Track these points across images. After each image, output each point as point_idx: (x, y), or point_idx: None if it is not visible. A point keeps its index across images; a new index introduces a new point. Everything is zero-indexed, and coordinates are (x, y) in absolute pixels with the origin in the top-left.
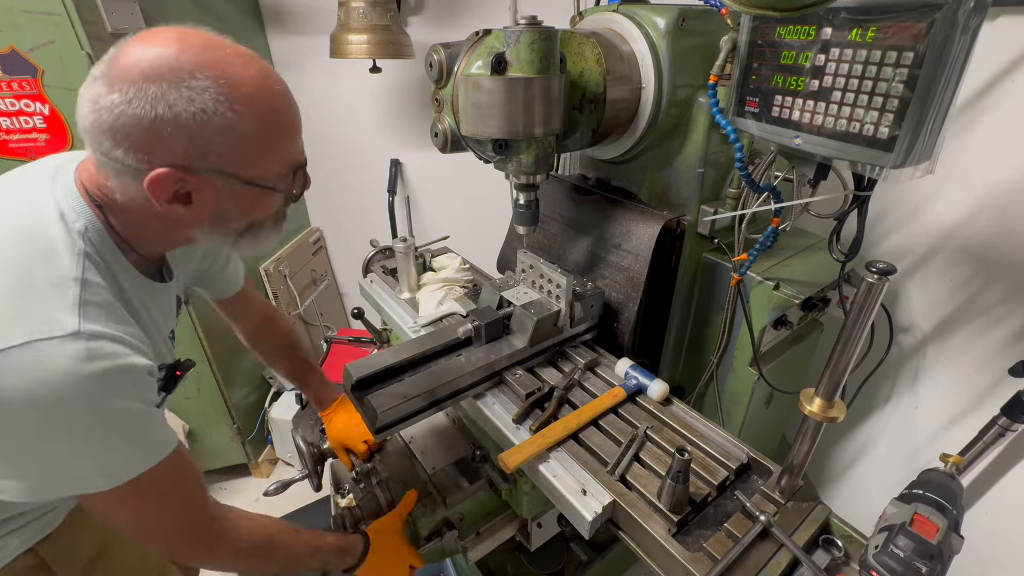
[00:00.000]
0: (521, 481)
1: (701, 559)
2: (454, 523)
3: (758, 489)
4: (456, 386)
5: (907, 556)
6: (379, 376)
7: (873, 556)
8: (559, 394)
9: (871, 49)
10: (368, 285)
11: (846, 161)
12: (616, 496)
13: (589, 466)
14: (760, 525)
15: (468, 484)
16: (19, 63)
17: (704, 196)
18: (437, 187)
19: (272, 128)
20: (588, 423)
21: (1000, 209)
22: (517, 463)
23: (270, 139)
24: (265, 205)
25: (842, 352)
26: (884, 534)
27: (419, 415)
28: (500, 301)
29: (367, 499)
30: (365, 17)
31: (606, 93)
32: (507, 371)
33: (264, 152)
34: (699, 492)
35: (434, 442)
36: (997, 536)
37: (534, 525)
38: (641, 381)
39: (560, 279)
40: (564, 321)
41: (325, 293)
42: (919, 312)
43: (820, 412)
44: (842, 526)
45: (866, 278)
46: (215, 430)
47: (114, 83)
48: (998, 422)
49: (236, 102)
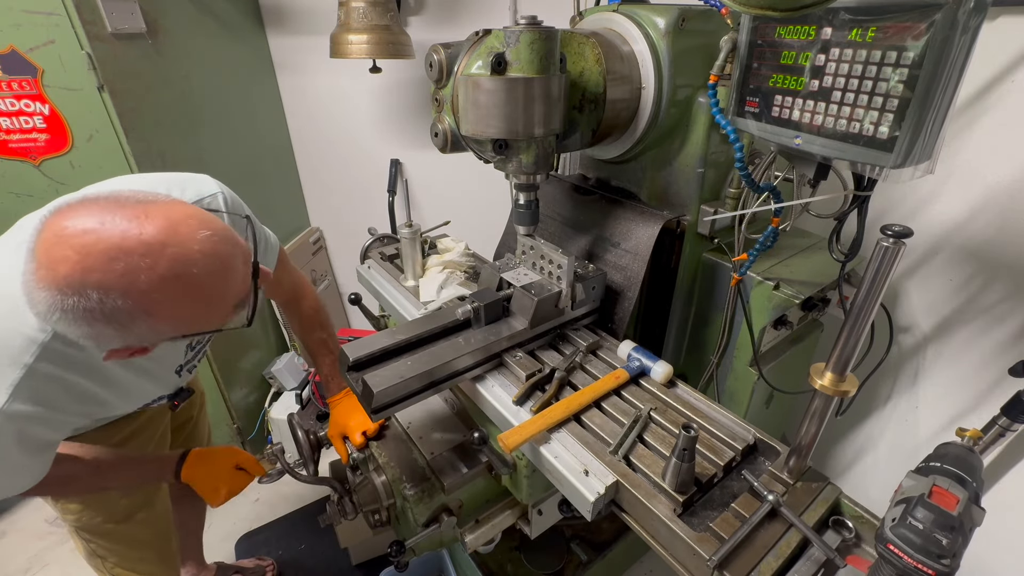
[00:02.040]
0: (521, 466)
1: (707, 539)
2: (453, 510)
3: (766, 470)
4: (455, 368)
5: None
6: (376, 358)
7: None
8: (560, 376)
9: (871, 49)
10: (366, 271)
11: (846, 161)
12: (619, 476)
13: (591, 447)
14: (768, 505)
15: (467, 469)
16: (19, 63)
17: (704, 196)
18: (437, 187)
19: (194, 309)
20: (590, 404)
21: (1000, 209)
22: (517, 443)
23: (197, 314)
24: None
25: (855, 323)
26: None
27: (417, 396)
28: (500, 283)
29: (364, 485)
30: (365, 17)
31: (606, 93)
32: (507, 353)
33: (195, 321)
34: (705, 472)
35: (433, 427)
36: (997, 536)
37: (534, 512)
38: (644, 363)
39: (561, 260)
40: (565, 303)
41: (325, 293)
42: (919, 312)
43: (832, 386)
44: (853, 507)
45: (881, 242)
46: (215, 430)
47: (40, 281)
48: (998, 422)
49: (151, 308)
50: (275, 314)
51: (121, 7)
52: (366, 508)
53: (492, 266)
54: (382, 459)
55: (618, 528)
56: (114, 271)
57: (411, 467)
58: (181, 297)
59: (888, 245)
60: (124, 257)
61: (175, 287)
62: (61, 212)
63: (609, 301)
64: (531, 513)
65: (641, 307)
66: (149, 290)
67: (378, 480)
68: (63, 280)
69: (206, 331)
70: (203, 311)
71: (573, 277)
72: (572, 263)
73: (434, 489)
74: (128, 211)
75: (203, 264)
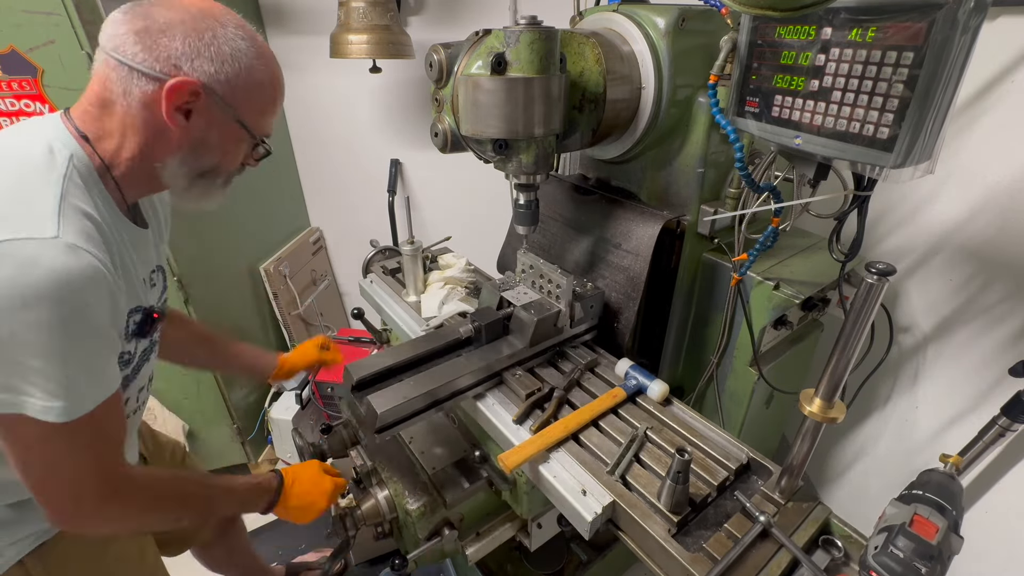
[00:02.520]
0: (521, 481)
1: (701, 559)
2: (454, 523)
3: (758, 490)
4: (456, 386)
5: (907, 556)
6: (379, 376)
7: (873, 557)
8: (559, 394)
9: (871, 49)
10: (368, 286)
11: (846, 161)
12: (616, 496)
13: (589, 466)
14: (760, 525)
15: (468, 484)
16: (19, 63)
17: (704, 196)
18: (437, 187)
19: (272, 88)
20: (588, 423)
21: (1000, 209)
22: (517, 463)
23: (268, 96)
24: (235, 153)
25: (842, 353)
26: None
27: (419, 415)
28: (500, 301)
29: (367, 500)
30: (365, 17)
31: (606, 93)
32: (507, 371)
33: (260, 104)
34: (699, 492)
35: (434, 442)
36: (997, 536)
37: (534, 525)
38: (641, 381)
39: (560, 279)
40: (564, 321)
41: (325, 293)
42: (919, 312)
43: (820, 413)
44: (842, 526)
45: (866, 279)
46: (215, 430)
47: (170, 6)
48: (998, 422)
49: (259, 56)
50: (275, 314)
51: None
52: (369, 523)
53: (492, 284)
54: (384, 474)
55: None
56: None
57: (413, 482)
58: (273, 65)
59: (872, 282)
60: (232, 16)
61: (270, 56)
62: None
63: (612, 305)
64: (531, 526)
65: (641, 307)
66: (261, 44)
67: (380, 495)
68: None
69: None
70: (270, 94)
71: (572, 296)
72: (571, 283)
73: (436, 504)
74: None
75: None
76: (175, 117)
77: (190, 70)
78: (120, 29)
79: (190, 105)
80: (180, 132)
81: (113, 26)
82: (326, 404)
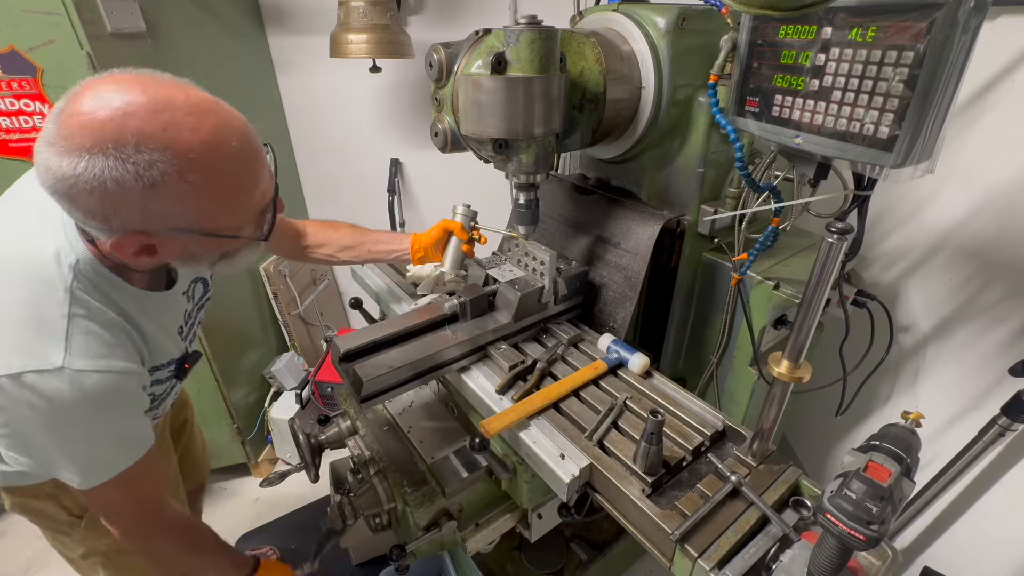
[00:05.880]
0: (521, 470)
1: (672, 515)
2: (453, 514)
3: (731, 454)
4: (441, 359)
5: (859, 498)
6: (366, 349)
7: (828, 500)
8: (542, 367)
9: (871, 49)
10: (360, 268)
11: (846, 161)
12: (593, 459)
13: (568, 432)
14: (730, 484)
15: (467, 474)
16: (19, 63)
17: (704, 196)
18: (437, 187)
19: (227, 188)
20: (569, 393)
21: (1000, 209)
22: (498, 429)
23: (226, 198)
24: (231, 243)
25: (805, 315)
26: (839, 480)
27: (404, 385)
28: (486, 278)
29: (365, 490)
30: (365, 16)
31: (606, 93)
32: (492, 345)
33: (222, 210)
34: (674, 456)
35: (433, 431)
36: (997, 536)
37: (534, 516)
38: (622, 355)
39: (544, 256)
40: (548, 297)
41: (325, 293)
42: (919, 312)
43: (787, 373)
44: (812, 487)
45: (825, 238)
46: (215, 430)
47: (63, 153)
48: (998, 422)
49: (186, 172)
50: (275, 314)
51: (121, 6)
52: (367, 512)
53: (479, 262)
54: (383, 463)
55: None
56: (157, 121)
57: (412, 471)
58: (216, 169)
59: (832, 241)
60: (169, 111)
61: (214, 155)
62: (90, 84)
63: (610, 302)
64: (531, 517)
65: (641, 307)
66: (189, 150)
67: (379, 484)
68: (99, 126)
69: (225, 232)
70: (232, 197)
71: (556, 273)
72: (554, 259)
73: (435, 493)
74: (171, 82)
75: (241, 142)
76: (140, 258)
77: (116, 224)
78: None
79: (146, 244)
80: (158, 260)
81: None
82: (326, 403)
